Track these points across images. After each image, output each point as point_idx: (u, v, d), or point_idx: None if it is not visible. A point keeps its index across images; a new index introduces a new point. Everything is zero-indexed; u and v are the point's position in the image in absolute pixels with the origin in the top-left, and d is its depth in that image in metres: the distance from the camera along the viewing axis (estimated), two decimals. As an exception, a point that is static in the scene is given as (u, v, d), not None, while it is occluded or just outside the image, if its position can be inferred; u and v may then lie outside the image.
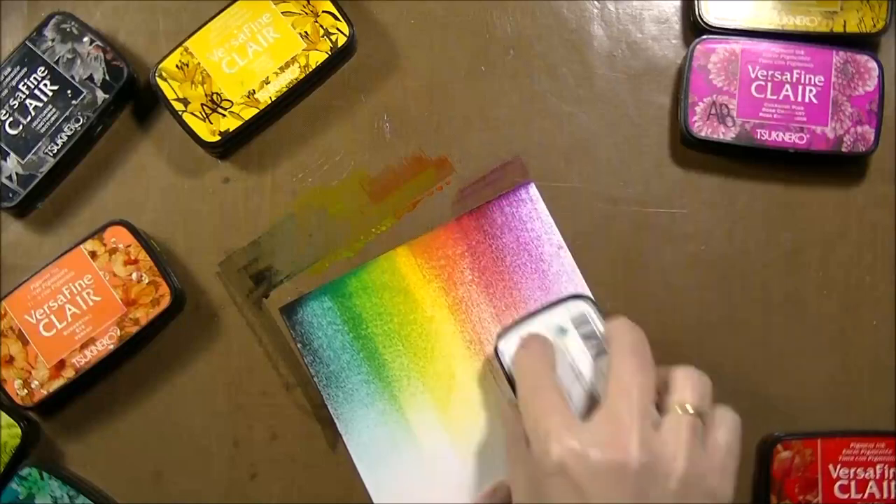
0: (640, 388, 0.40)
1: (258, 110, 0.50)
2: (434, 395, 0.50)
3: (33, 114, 0.49)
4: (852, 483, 0.48)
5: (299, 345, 0.50)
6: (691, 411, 0.40)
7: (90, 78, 0.50)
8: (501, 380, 0.50)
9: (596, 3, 0.53)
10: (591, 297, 0.48)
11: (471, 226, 0.51)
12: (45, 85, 0.50)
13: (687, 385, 0.41)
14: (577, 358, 0.44)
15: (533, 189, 0.51)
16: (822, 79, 0.50)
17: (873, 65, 0.50)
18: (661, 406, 0.41)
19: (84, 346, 0.48)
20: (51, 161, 0.49)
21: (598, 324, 0.45)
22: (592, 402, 0.43)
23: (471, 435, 0.50)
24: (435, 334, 0.51)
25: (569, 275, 0.51)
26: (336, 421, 0.50)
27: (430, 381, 0.50)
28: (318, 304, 0.51)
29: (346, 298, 0.51)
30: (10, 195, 0.49)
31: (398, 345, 0.50)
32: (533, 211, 0.51)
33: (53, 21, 0.50)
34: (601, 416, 0.40)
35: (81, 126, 0.50)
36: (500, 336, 0.46)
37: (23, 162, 0.49)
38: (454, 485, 0.49)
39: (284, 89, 0.50)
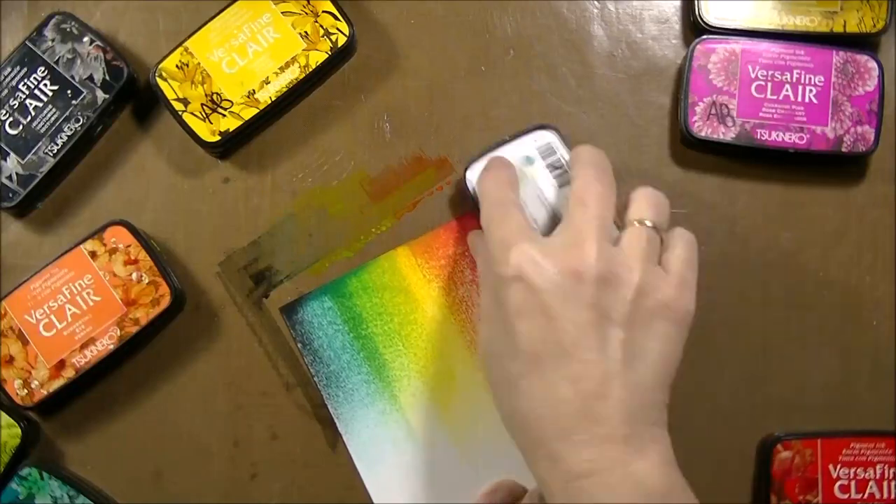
0: (597, 198, 0.41)
1: (258, 110, 0.50)
2: (434, 395, 0.50)
3: (33, 114, 0.49)
4: (852, 483, 0.48)
5: (299, 344, 0.50)
6: (649, 225, 0.41)
7: (90, 78, 0.50)
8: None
9: (596, 3, 0.53)
10: (558, 127, 0.48)
11: (471, 225, 0.51)
12: (45, 85, 0.50)
13: (645, 202, 0.43)
14: (542, 185, 0.46)
15: None
16: (822, 79, 0.50)
17: (873, 65, 0.50)
18: (619, 224, 0.42)
19: (84, 346, 0.48)
20: (51, 161, 0.49)
21: (563, 153, 0.47)
22: (556, 224, 0.43)
23: (471, 435, 0.50)
24: (435, 334, 0.50)
25: None
26: (336, 420, 0.50)
27: (430, 381, 0.50)
28: (319, 303, 0.51)
29: (346, 298, 0.51)
30: (10, 195, 0.49)
31: (398, 345, 0.50)
32: None
33: (53, 21, 0.50)
34: (561, 228, 0.41)
35: (81, 126, 0.50)
36: (467, 166, 0.47)
37: (23, 162, 0.49)
38: (454, 485, 0.49)
39: (284, 89, 0.50)
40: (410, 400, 0.50)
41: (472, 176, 0.47)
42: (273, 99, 0.50)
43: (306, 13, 0.50)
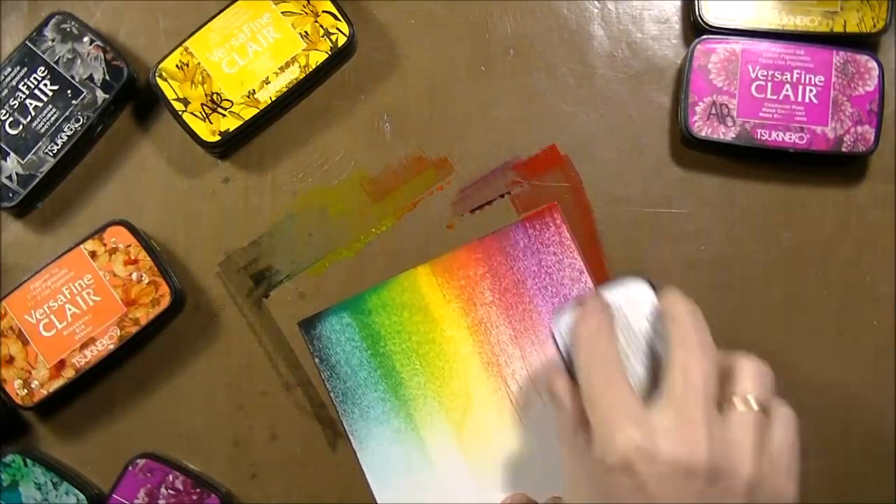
0: (704, 377, 0.38)
1: (258, 110, 0.50)
2: (450, 415, 0.50)
3: (33, 114, 0.49)
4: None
5: (317, 360, 0.50)
6: (755, 407, 0.38)
7: (90, 78, 0.50)
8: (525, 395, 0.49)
9: (596, 3, 0.53)
10: (649, 278, 0.44)
11: (493, 247, 0.51)
12: (45, 85, 0.50)
13: (751, 376, 0.39)
14: (635, 333, 0.42)
15: (558, 213, 0.51)
16: (823, 79, 0.50)
17: (873, 65, 0.50)
18: (722, 394, 0.39)
19: (84, 346, 0.48)
20: (51, 161, 0.49)
21: (655, 303, 0.42)
22: (652, 381, 0.41)
23: (485, 456, 0.50)
24: (453, 354, 0.50)
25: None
26: (350, 437, 0.50)
27: (446, 401, 0.50)
28: (337, 319, 0.51)
29: (365, 315, 0.51)
30: (10, 195, 0.49)
31: (416, 363, 0.50)
32: (556, 235, 0.51)
33: (53, 21, 0.50)
34: (666, 407, 0.37)
35: (81, 126, 0.50)
36: (554, 314, 0.43)
37: (23, 162, 0.49)
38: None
39: (284, 89, 0.50)
40: (426, 419, 0.50)
41: (562, 325, 0.43)
42: (273, 99, 0.50)
43: (306, 13, 0.50)
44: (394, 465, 0.50)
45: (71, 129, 0.50)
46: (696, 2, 0.50)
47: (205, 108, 0.50)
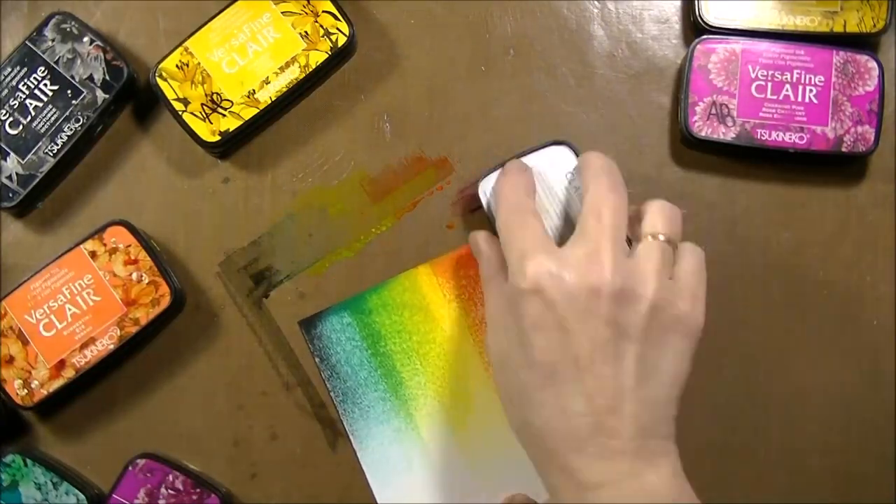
0: (611, 208, 0.41)
1: (258, 110, 0.50)
2: (450, 414, 0.50)
3: (33, 114, 0.49)
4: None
5: (317, 359, 0.50)
6: (662, 239, 0.41)
7: (90, 78, 0.50)
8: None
9: (596, 3, 0.53)
10: (572, 143, 0.48)
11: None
12: (45, 85, 0.50)
13: (659, 215, 0.42)
14: (557, 191, 0.46)
15: None
16: (823, 79, 0.50)
17: (873, 65, 0.50)
18: (632, 236, 0.43)
19: (84, 346, 0.48)
20: (51, 161, 0.49)
21: (575, 163, 0.47)
22: (570, 233, 0.43)
23: (486, 456, 0.50)
24: (453, 354, 0.50)
25: None
26: (350, 436, 0.50)
27: (446, 400, 0.50)
28: (338, 319, 0.50)
29: (365, 315, 0.50)
30: (10, 195, 0.49)
31: (416, 363, 0.50)
32: None
33: (53, 21, 0.50)
34: (576, 239, 0.41)
35: (81, 126, 0.50)
36: (480, 178, 0.48)
37: (23, 162, 0.49)
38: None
39: (284, 89, 0.50)
40: (426, 419, 0.50)
41: (487, 186, 0.48)
42: (273, 99, 0.50)
43: (306, 13, 0.50)
44: (394, 465, 0.50)
45: (71, 129, 0.50)
46: (696, 2, 0.50)
47: (205, 108, 0.50)
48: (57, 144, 0.50)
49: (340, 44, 0.50)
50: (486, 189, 0.48)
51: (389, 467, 0.50)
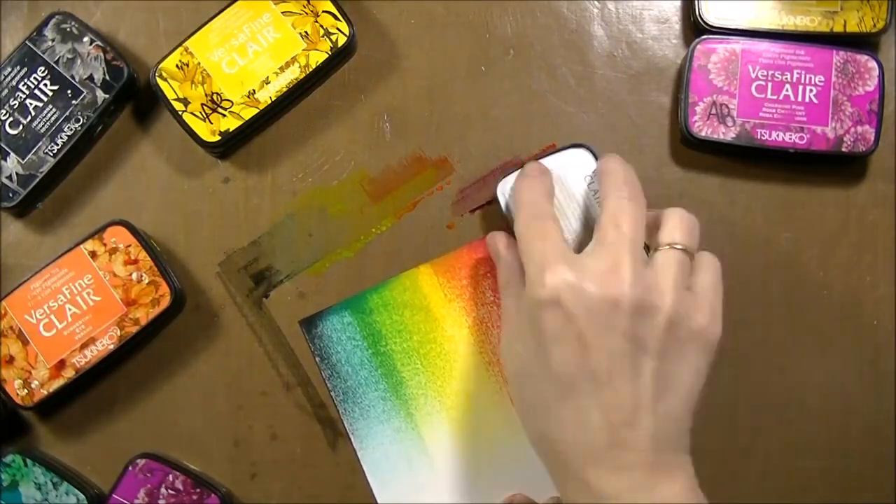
0: (631, 219, 0.41)
1: (258, 110, 0.50)
2: (450, 414, 0.50)
3: (33, 114, 0.49)
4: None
5: (317, 358, 0.50)
6: (679, 248, 0.41)
7: (90, 78, 0.50)
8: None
9: (596, 3, 0.53)
10: (590, 146, 0.48)
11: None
12: (45, 85, 0.50)
13: (677, 224, 0.42)
14: (574, 194, 0.46)
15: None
16: (823, 79, 0.50)
17: (873, 64, 0.50)
18: (649, 243, 0.42)
19: (84, 346, 0.48)
20: (51, 161, 0.49)
21: (596, 168, 0.46)
22: (588, 238, 0.43)
23: (486, 456, 0.50)
24: (454, 354, 0.50)
25: None
26: (351, 436, 0.50)
27: (447, 400, 0.50)
28: (338, 318, 0.50)
29: (366, 314, 0.50)
30: (10, 195, 0.49)
31: (417, 363, 0.50)
32: None
33: (53, 21, 0.50)
34: (595, 249, 0.41)
35: (81, 126, 0.50)
36: (498, 179, 0.48)
37: (23, 162, 0.49)
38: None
39: (284, 89, 0.50)
40: (426, 418, 0.50)
41: (506, 187, 0.47)
42: (273, 99, 0.50)
43: (306, 13, 0.50)
44: (394, 465, 0.50)
45: (71, 129, 0.50)
46: (696, 2, 0.50)
47: (205, 108, 0.50)
48: (57, 144, 0.50)
49: (340, 44, 0.50)
50: (504, 190, 0.47)
51: (389, 466, 0.50)
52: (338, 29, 0.50)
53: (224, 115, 0.50)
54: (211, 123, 0.49)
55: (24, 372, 0.48)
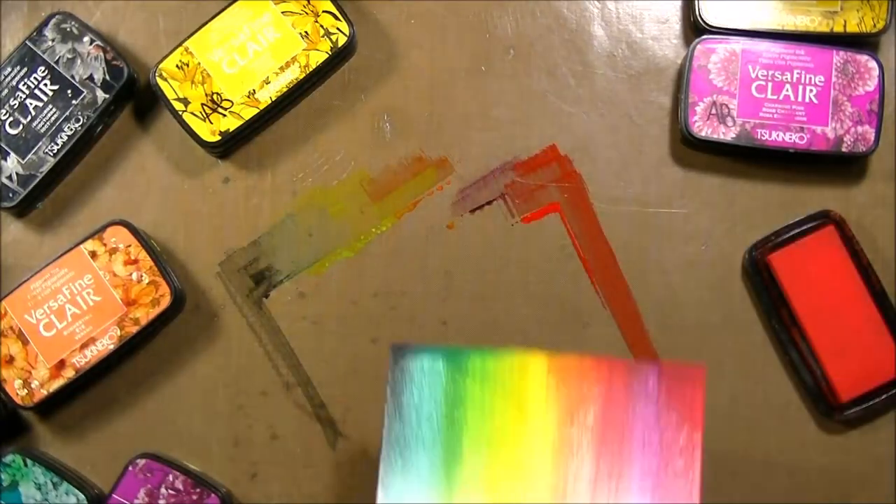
0: None
1: (258, 110, 0.50)
2: None
3: (33, 114, 0.49)
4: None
5: (389, 390, 0.45)
6: None
7: (90, 78, 0.50)
8: None
9: (596, 3, 0.53)
10: None
11: (619, 374, 0.45)
12: (46, 85, 0.50)
13: None
14: None
15: (700, 385, 0.44)
16: (823, 79, 0.50)
17: (873, 65, 0.50)
18: None
19: (84, 346, 0.48)
20: (51, 161, 0.49)
21: None
22: None
23: None
24: (524, 461, 0.45)
25: (685, 482, 0.43)
26: (379, 484, 0.44)
27: (493, 500, 0.45)
28: (431, 362, 0.45)
29: (459, 373, 0.45)
30: (10, 195, 0.49)
31: (482, 449, 0.45)
32: (687, 402, 0.44)
33: (53, 21, 0.50)
34: None
35: (81, 126, 0.50)
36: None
37: (23, 162, 0.49)
38: None
39: (284, 89, 0.50)
40: None
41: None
42: (273, 99, 0.50)
43: (306, 13, 0.50)
44: None
45: (71, 129, 0.50)
46: (696, 2, 0.50)
47: (205, 108, 0.50)
48: (57, 144, 0.50)
49: (340, 44, 0.50)
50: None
51: None
52: (338, 29, 0.50)
53: (224, 115, 0.50)
54: (211, 123, 0.49)
55: (24, 372, 0.48)
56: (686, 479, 0.43)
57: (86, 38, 0.50)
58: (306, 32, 0.50)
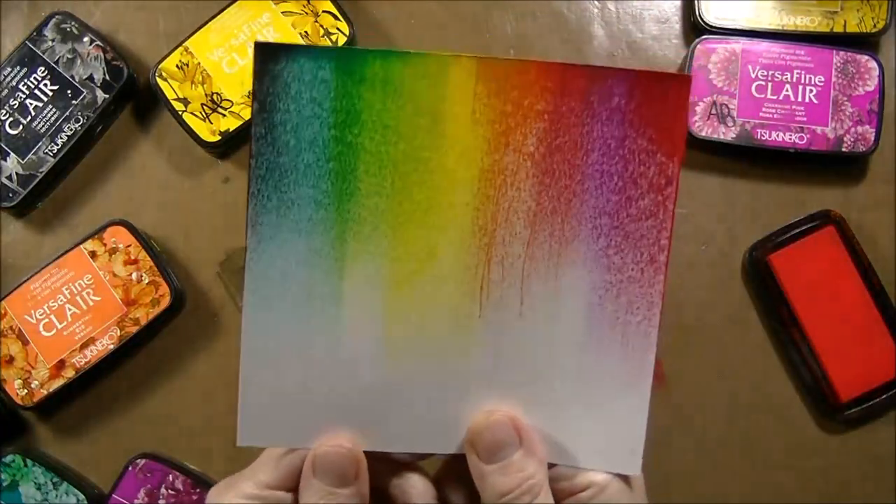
0: None
1: (258, 110, 0.50)
2: (394, 266, 0.34)
3: (33, 114, 0.49)
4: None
5: (256, 104, 0.33)
6: None
7: (90, 78, 0.50)
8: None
9: (596, 3, 0.53)
10: None
11: (575, 84, 0.34)
12: (45, 85, 0.50)
13: None
14: None
15: (686, 90, 0.33)
16: (823, 79, 0.50)
17: (873, 65, 0.50)
18: None
19: (84, 346, 0.48)
20: (51, 161, 0.49)
21: None
22: None
23: (415, 340, 0.34)
24: (443, 193, 0.34)
25: (654, 223, 0.34)
26: (248, 229, 0.34)
27: (399, 246, 0.34)
28: (314, 66, 0.33)
29: (354, 81, 0.33)
30: (10, 195, 0.49)
31: (386, 178, 0.33)
32: (668, 116, 0.33)
33: (53, 21, 0.50)
34: None
35: (81, 126, 0.50)
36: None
37: (23, 162, 0.49)
38: (361, 393, 0.35)
39: (284, 89, 0.50)
40: (362, 256, 0.34)
41: None
42: (273, 99, 0.50)
43: (306, 13, 0.50)
44: (287, 292, 0.35)
45: (71, 129, 0.50)
46: (696, 2, 0.50)
47: (205, 108, 0.50)
48: (57, 144, 0.50)
49: (341, 44, 0.50)
50: None
51: (279, 292, 0.35)
52: (338, 29, 0.50)
53: (224, 115, 0.50)
54: (211, 123, 0.49)
55: (24, 372, 0.48)
56: (655, 219, 0.34)
57: (86, 38, 0.50)
58: (306, 32, 0.50)
